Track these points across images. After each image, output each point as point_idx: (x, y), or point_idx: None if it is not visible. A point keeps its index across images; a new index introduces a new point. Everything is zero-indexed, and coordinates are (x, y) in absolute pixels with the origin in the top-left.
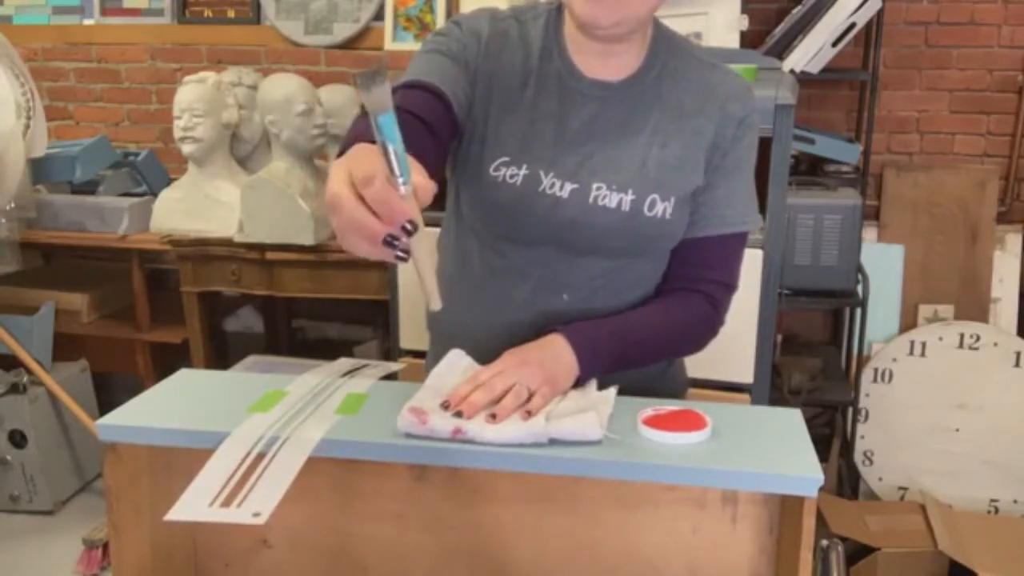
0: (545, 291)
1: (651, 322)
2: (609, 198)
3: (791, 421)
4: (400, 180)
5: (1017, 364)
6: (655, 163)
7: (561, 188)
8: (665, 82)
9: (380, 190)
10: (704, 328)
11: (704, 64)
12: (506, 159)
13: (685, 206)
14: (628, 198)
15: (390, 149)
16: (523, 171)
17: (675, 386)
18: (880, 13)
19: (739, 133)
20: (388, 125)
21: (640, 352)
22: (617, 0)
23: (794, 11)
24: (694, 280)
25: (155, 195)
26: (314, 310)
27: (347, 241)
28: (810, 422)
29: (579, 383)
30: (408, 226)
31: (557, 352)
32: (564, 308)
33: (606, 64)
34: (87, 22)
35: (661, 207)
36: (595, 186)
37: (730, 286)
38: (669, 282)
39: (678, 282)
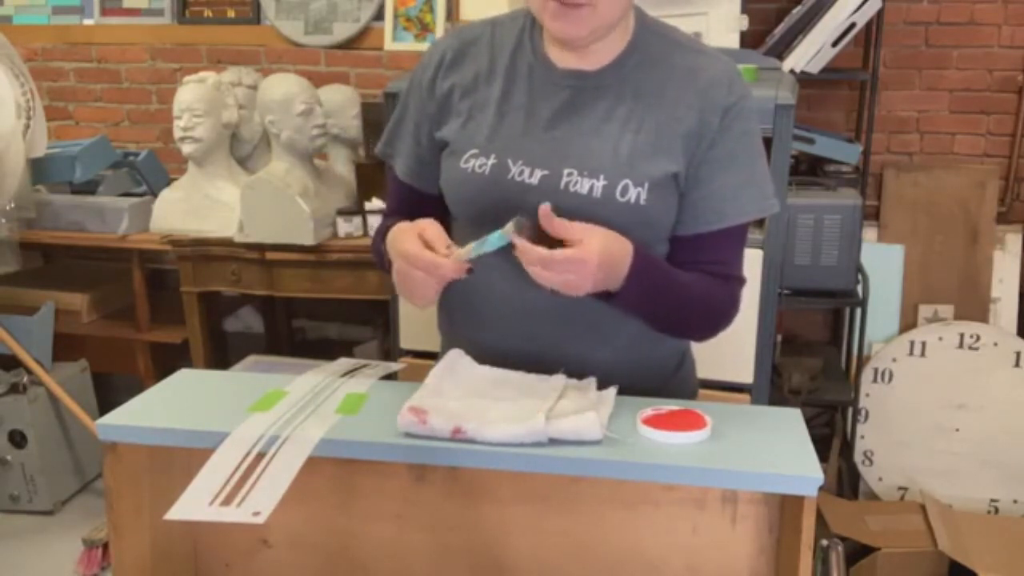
0: (527, 283)
1: (691, 280)
2: (580, 184)
3: (791, 421)
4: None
5: (1017, 364)
6: (628, 148)
7: (531, 175)
8: (644, 69)
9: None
10: (727, 306)
11: (689, 50)
12: (475, 151)
13: (662, 192)
14: (600, 184)
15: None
16: (491, 160)
17: (687, 388)
18: (880, 13)
19: (727, 123)
20: (496, 239)
21: (675, 303)
22: (584, 13)
23: (794, 11)
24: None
25: (155, 195)
26: (314, 310)
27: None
28: (810, 422)
29: (606, 297)
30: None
31: (619, 271)
32: (551, 302)
33: (582, 57)
34: (87, 22)
35: (634, 192)
36: (566, 172)
37: (739, 278)
38: None
39: None
